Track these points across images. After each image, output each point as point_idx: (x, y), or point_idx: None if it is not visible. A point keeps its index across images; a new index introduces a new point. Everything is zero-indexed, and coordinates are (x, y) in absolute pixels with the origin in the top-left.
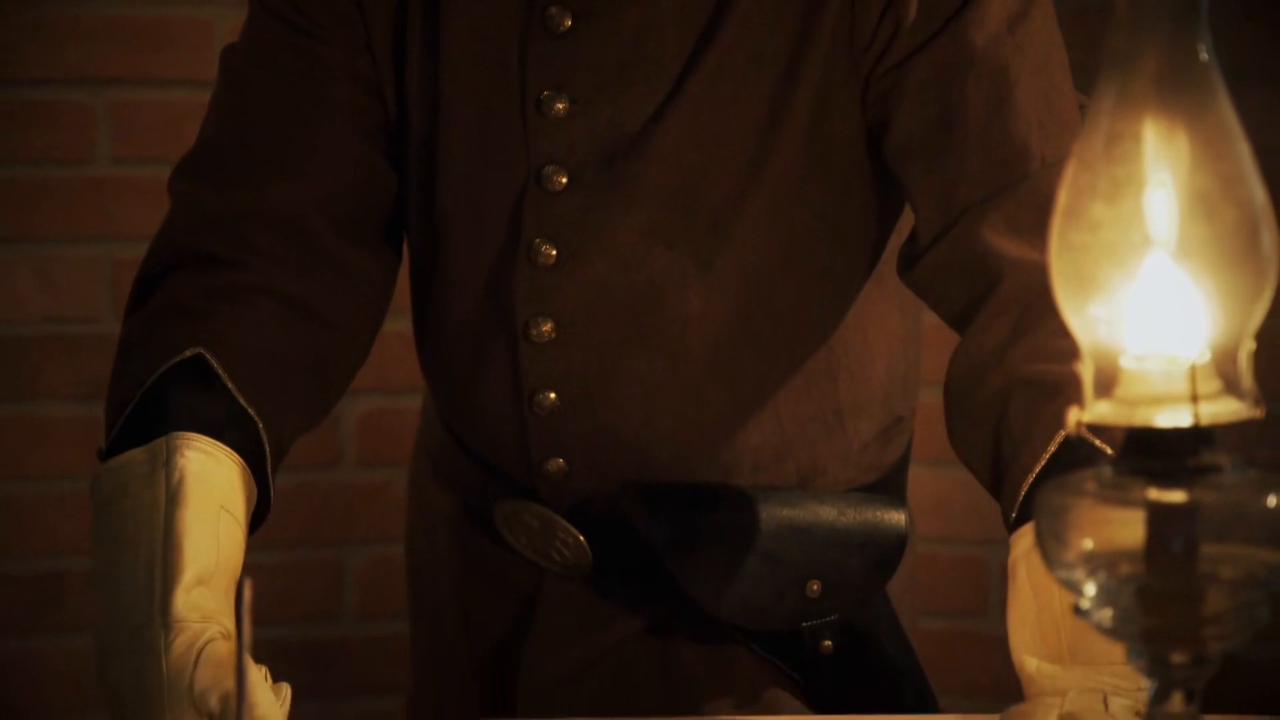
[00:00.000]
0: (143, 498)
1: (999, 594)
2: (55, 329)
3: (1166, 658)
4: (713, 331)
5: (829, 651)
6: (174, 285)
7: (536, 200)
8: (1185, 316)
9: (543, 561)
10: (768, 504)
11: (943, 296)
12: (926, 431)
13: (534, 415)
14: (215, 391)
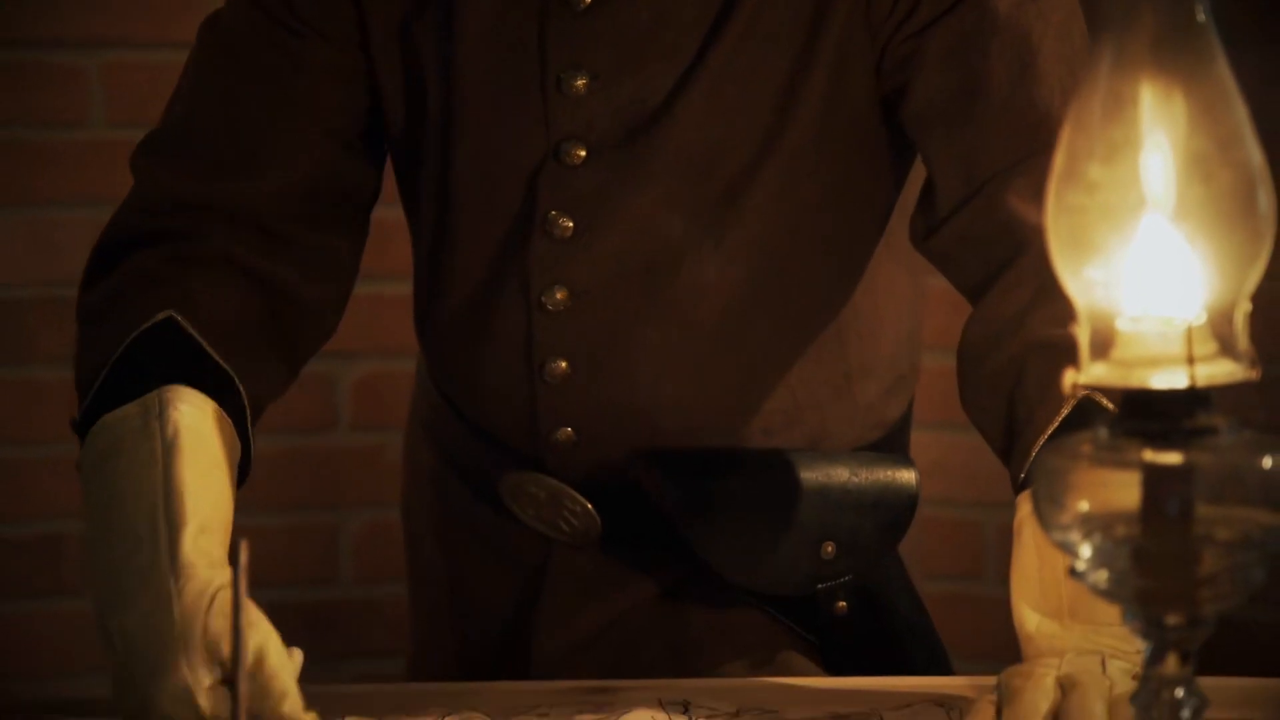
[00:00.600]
0: (139, 452)
1: (995, 557)
2: (49, 292)
3: (1161, 619)
4: (726, 300)
5: (843, 613)
6: (138, 259)
7: (554, 174)
8: (1182, 278)
9: (550, 532)
10: (782, 467)
11: (962, 265)
12: (923, 395)
13: (544, 384)
14: (190, 352)
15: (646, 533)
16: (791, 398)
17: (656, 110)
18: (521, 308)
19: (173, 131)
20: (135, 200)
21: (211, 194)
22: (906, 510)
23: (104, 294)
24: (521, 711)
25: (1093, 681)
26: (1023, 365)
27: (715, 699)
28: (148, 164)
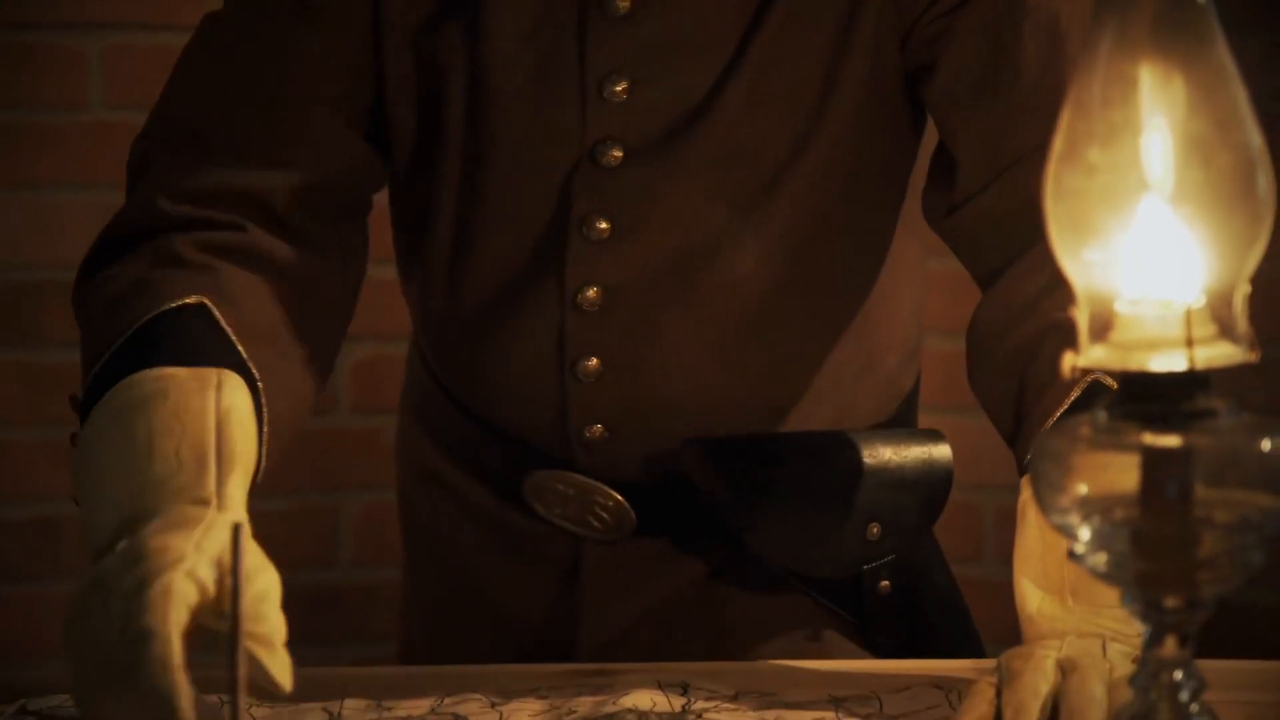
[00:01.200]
0: (191, 402)
1: (994, 540)
2: (50, 275)
3: (1160, 602)
4: (761, 288)
5: (886, 592)
6: (165, 242)
7: (589, 176)
8: (1181, 261)
9: (579, 529)
10: (831, 450)
11: (981, 245)
12: (923, 378)
13: (576, 383)
14: (221, 341)
15: (681, 522)
16: (820, 378)
17: (696, 107)
18: (554, 308)
19: (187, 121)
20: (156, 190)
21: (236, 185)
22: (944, 486)
23: (130, 270)
24: (521, 694)
25: (1093, 664)
26: (1036, 348)
27: (714, 681)
28: (166, 155)
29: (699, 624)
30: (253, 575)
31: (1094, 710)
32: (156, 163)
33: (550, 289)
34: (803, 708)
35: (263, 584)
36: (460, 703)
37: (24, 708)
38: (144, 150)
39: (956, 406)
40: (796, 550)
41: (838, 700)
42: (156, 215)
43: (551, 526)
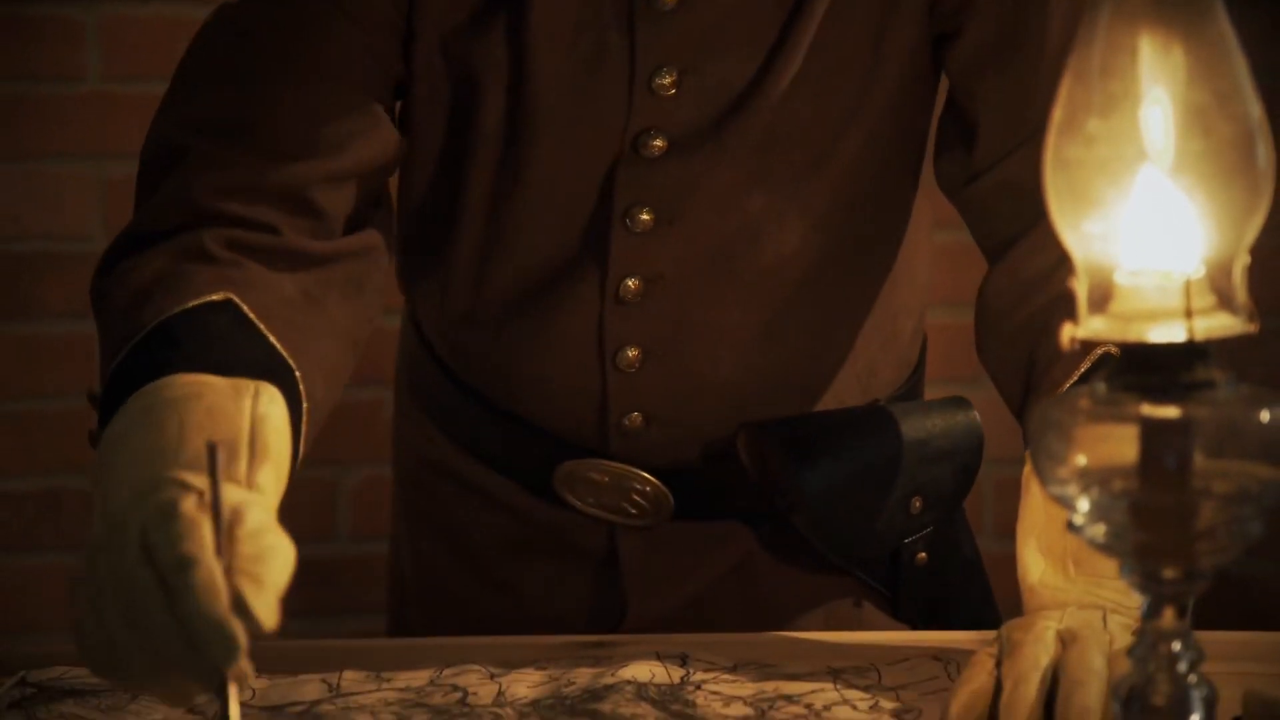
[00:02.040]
0: (225, 405)
1: (994, 512)
2: (48, 246)
3: (1159, 573)
4: (800, 268)
5: (922, 564)
6: (194, 239)
7: (633, 167)
8: (1180, 231)
9: (612, 516)
10: (878, 425)
11: (996, 214)
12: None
13: (616, 372)
14: (252, 335)
15: (718, 503)
16: (851, 348)
17: (741, 95)
18: (594, 301)
19: (224, 111)
20: (188, 181)
21: (273, 180)
22: (977, 453)
23: (155, 263)
24: (520, 665)
25: (1093, 636)
26: (1046, 321)
27: (712, 653)
28: (204, 146)
29: (739, 603)
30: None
31: (1094, 681)
32: (189, 151)
33: (591, 281)
34: (801, 679)
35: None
36: (459, 674)
37: (24, 679)
38: (170, 136)
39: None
40: (846, 528)
41: (836, 672)
42: (191, 210)
43: (583, 517)
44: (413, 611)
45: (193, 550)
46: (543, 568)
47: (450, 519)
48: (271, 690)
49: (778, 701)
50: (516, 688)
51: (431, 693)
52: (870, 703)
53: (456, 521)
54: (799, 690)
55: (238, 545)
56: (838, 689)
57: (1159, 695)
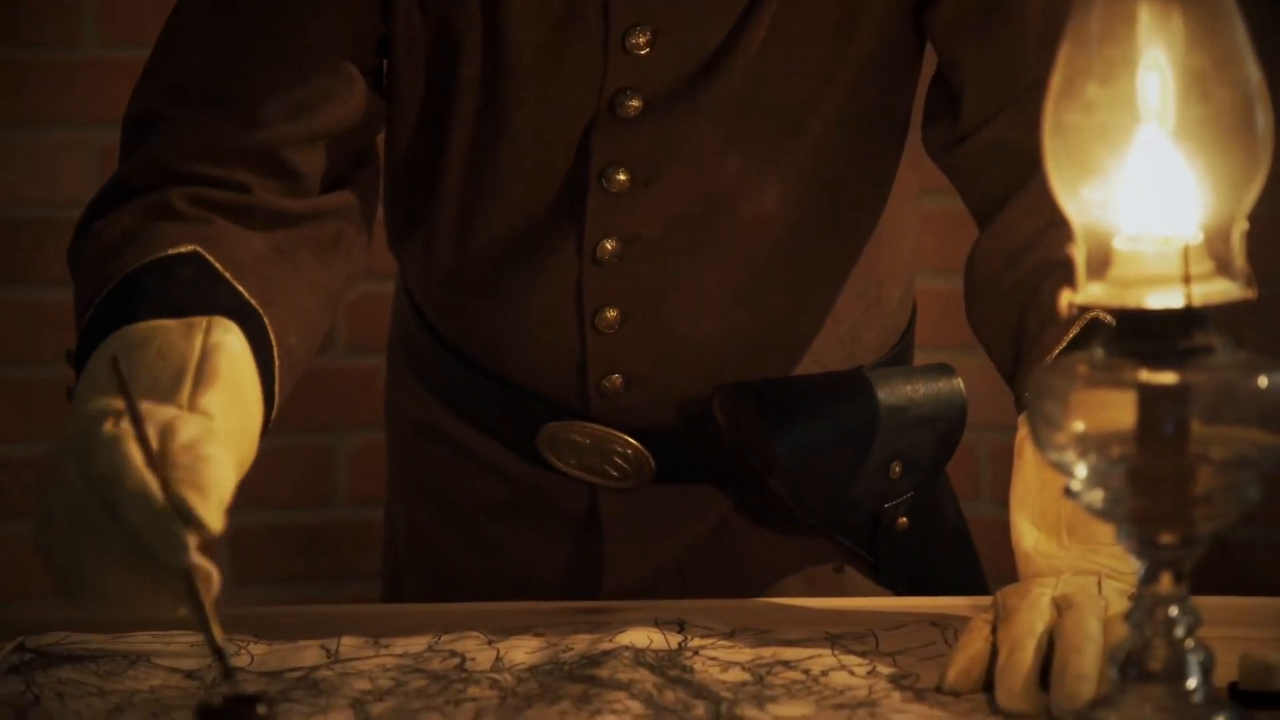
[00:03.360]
0: (176, 344)
1: (990, 479)
2: (45, 213)
3: (1156, 539)
4: (779, 230)
5: (903, 529)
6: (161, 197)
7: (609, 128)
8: (1178, 197)
9: (595, 479)
10: (864, 389)
11: (984, 178)
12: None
13: (595, 334)
14: (219, 284)
15: (699, 466)
16: (832, 315)
17: (716, 54)
18: (572, 261)
19: (196, 73)
20: (160, 145)
21: (247, 143)
22: (960, 420)
23: (122, 221)
24: (517, 631)
25: (1088, 601)
26: (1036, 285)
27: (710, 619)
28: (179, 112)
29: (719, 566)
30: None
31: (1089, 647)
32: (165, 118)
33: (568, 242)
34: (799, 645)
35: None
36: (457, 640)
37: (23, 645)
38: (148, 105)
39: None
40: (823, 491)
41: (834, 637)
42: (160, 172)
43: (566, 478)
44: (406, 578)
45: (116, 463)
46: (526, 529)
47: (440, 481)
48: (270, 656)
49: (775, 667)
50: (514, 654)
51: (429, 659)
52: (868, 668)
53: (446, 484)
54: (796, 656)
55: (173, 458)
56: (835, 654)
57: (1156, 660)
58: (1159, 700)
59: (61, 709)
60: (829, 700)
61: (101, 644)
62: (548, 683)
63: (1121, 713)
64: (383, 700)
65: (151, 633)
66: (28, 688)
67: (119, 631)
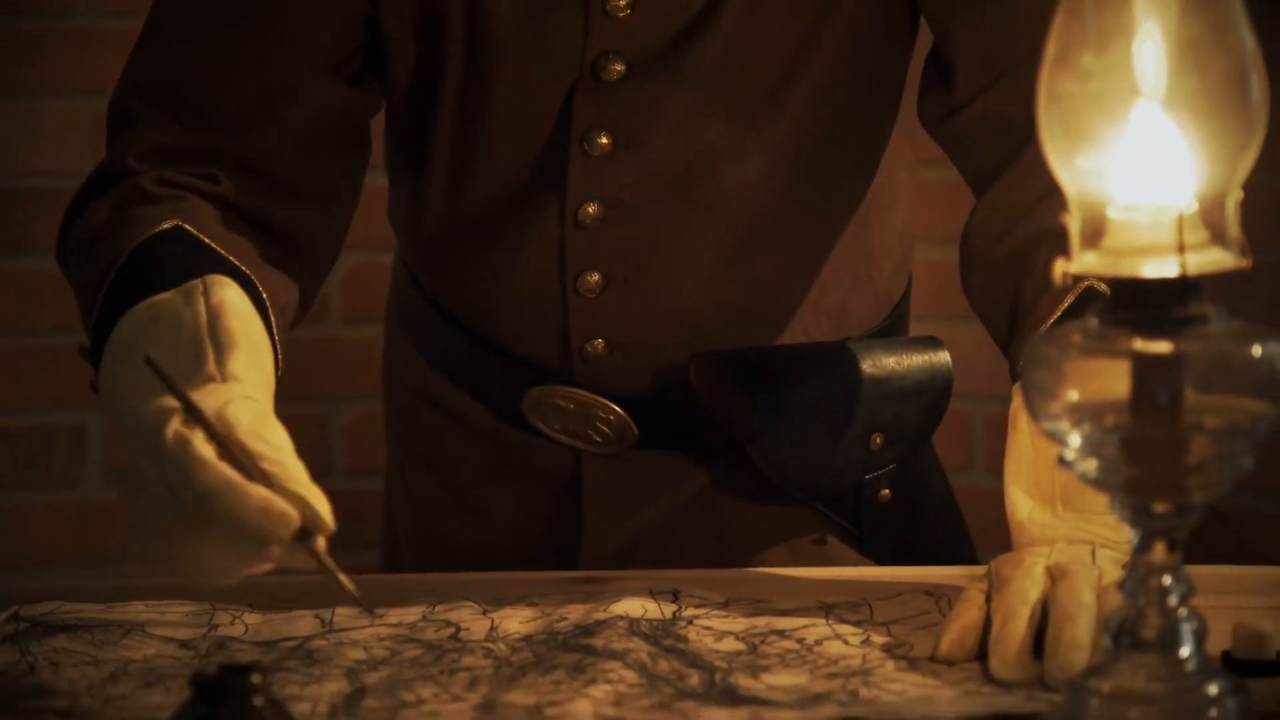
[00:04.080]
0: (181, 316)
1: (984, 449)
2: (36, 183)
3: (1150, 508)
4: (762, 198)
5: (886, 500)
6: (133, 184)
7: (591, 91)
8: (1173, 166)
9: (578, 443)
10: (843, 360)
11: (978, 149)
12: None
13: (577, 298)
14: (206, 254)
15: (682, 434)
16: (819, 286)
17: (698, 18)
18: (554, 225)
19: (170, 80)
20: (131, 145)
21: (211, 145)
22: (945, 393)
23: (98, 217)
24: (512, 601)
25: (1082, 570)
26: (1030, 254)
27: (705, 589)
28: (146, 113)
29: (699, 535)
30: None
31: (1083, 615)
32: (135, 120)
33: (550, 205)
34: (793, 614)
35: (275, 436)
36: (452, 610)
37: (17, 614)
38: (123, 107)
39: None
40: (804, 463)
41: (828, 607)
42: (126, 170)
43: (551, 442)
44: (403, 550)
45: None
46: (512, 492)
47: (431, 445)
48: (264, 625)
49: (769, 636)
50: (509, 623)
51: (424, 628)
52: (862, 637)
53: (437, 447)
54: (791, 625)
55: (245, 448)
56: (829, 624)
57: (1149, 629)
58: (1152, 669)
59: (56, 678)
60: (823, 669)
61: (96, 614)
62: (542, 652)
63: (1115, 681)
64: (377, 670)
65: (146, 603)
66: (22, 657)
67: (113, 601)
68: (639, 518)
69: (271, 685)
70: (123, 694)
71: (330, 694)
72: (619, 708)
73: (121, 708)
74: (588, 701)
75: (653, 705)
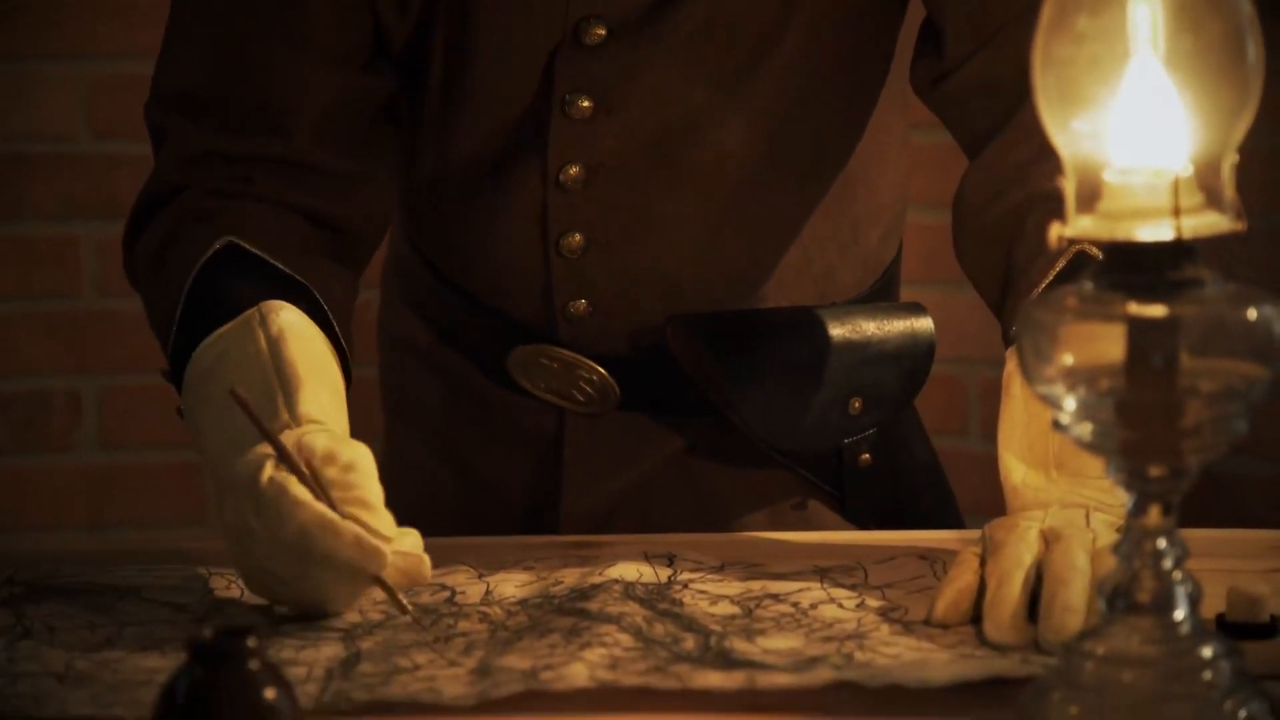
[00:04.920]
0: (245, 348)
1: (979, 413)
2: (32, 147)
3: (1144, 471)
4: (744, 164)
5: (866, 465)
6: (180, 201)
7: (572, 55)
8: (1169, 129)
9: (563, 403)
10: (813, 326)
11: (968, 113)
12: (906, 251)
13: (560, 259)
14: (261, 270)
15: (664, 396)
16: (803, 251)
17: None
18: (537, 185)
19: (191, 88)
20: (169, 157)
21: (246, 147)
22: (926, 359)
23: (155, 239)
24: (507, 565)
25: (1076, 534)
26: (1024, 216)
27: (699, 553)
28: (173, 122)
29: (681, 497)
30: (339, 451)
31: (1077, 579)
32: (168, 131)
33: (532, 167)
34: (788, 578)
35: (349, 455)
36: (447, 574)
37: (11, 578)
38: (155, 118)
39: (940, 280)
40: (779, 425)
41: (823, 571)
42: (170, 185)
43: (535, 400)
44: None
45: (291, 509)
46: (496, 449)
47: (421, 401)
48: None
49: (764, 600)
50: (504, 587)
51: (419, 592)
52: (856, 601)
53: (426, 403)
54: (786, 589)
55: (326, 476)
56: (824, 588)
57: (1144, 592)
58: (1146, 632)
59: (52, 642)
60: (818, 633)
61: (91, 577)
62: (537, 616)
63: (1109, 644)
64: (372, 634)
65: (140, 566)
66: (18, 621)
67: (109, 564)
68: (620, 478)
69: (267, 649)
70: (119, 658)
71: (326, 658)
72: (614, 671)
73: (117, 671)
74: (583, 665)
75: (648, 668)
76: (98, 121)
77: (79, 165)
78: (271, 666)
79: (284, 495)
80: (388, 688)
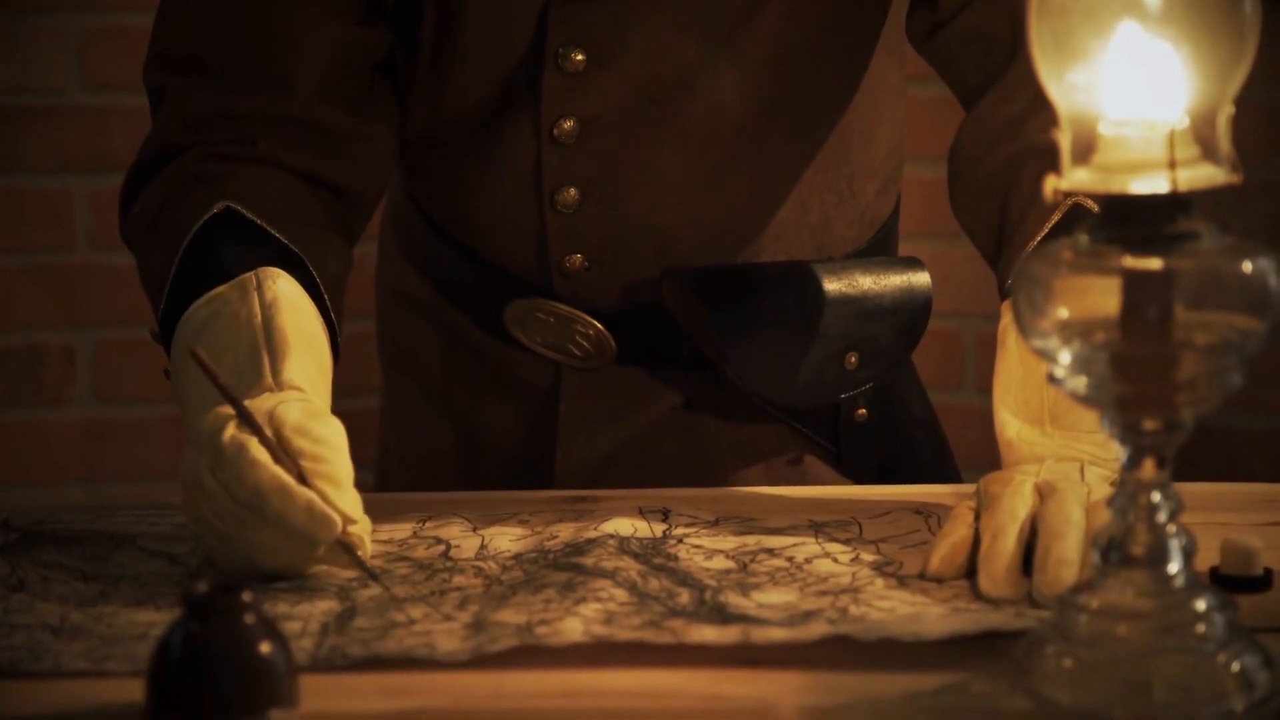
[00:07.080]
0: (238, 313)
1: (974, 367)
2: (24, 100)
3: (1139, 424)
4: (741, 117)
5: (863, 419)
6: (177, 165)
7: (565, 7)
8: (1164, 81)
9: (560, 357)
10: (808, 280)
11: (963, 64)
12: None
13: (554, 213)
14: (258, 238)
15: (660, 350)
16: (800, 205)
17: None
18: (531, 140)
19: (190, 48)
20: (170, 119)
21: (247, 106)
22: (923, 314)
23: (154, 201)
24: (502, 519)
25: (1070, 487)
26: (1019, 168)
27: (695, 507)
28: (173, 83)
29: (677, 452)
30: (311, 426)
31: (1072, 532)
32: (168, 92)
33: (526, 121)
34: (783, 533)
35: (321, 430)
36: (441, 526)
37: (6, 522)
38: (154, 80)
39: (937, 234)
40: (774, 379)
41: (818, 525)
42: (170, 147)
43: (532, 354)
44: (391, 462)
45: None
46: (493, 403)
47: (418, 352)
48: None
49: (759, 554)
50: (499, 541)
51: (414, 545)
52: (851, 555)
53: (423, 356)
54: (780, 544)
55: (292, 444)
56: (819, 542)
57: (1138, 545)
58: (1140, 585)
59: (46, 595)
60: (813, 587)
61: (86, 524)
62: (532, 571)
63: (1103, 597)
64: (368, 588)
65: (135, 512)
66: (13, 571)
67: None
68: (616, 433)
69: (262, 603)
70: (113, 611)
71: (321, 613)
72: (609, 626)
73: (112, 624)
74: (578, 620)
75: (643, 623)
76: (90, 74)
77: (72, 118)
78: (267, 621)
79: (243, 454)
80: (383, 643)
